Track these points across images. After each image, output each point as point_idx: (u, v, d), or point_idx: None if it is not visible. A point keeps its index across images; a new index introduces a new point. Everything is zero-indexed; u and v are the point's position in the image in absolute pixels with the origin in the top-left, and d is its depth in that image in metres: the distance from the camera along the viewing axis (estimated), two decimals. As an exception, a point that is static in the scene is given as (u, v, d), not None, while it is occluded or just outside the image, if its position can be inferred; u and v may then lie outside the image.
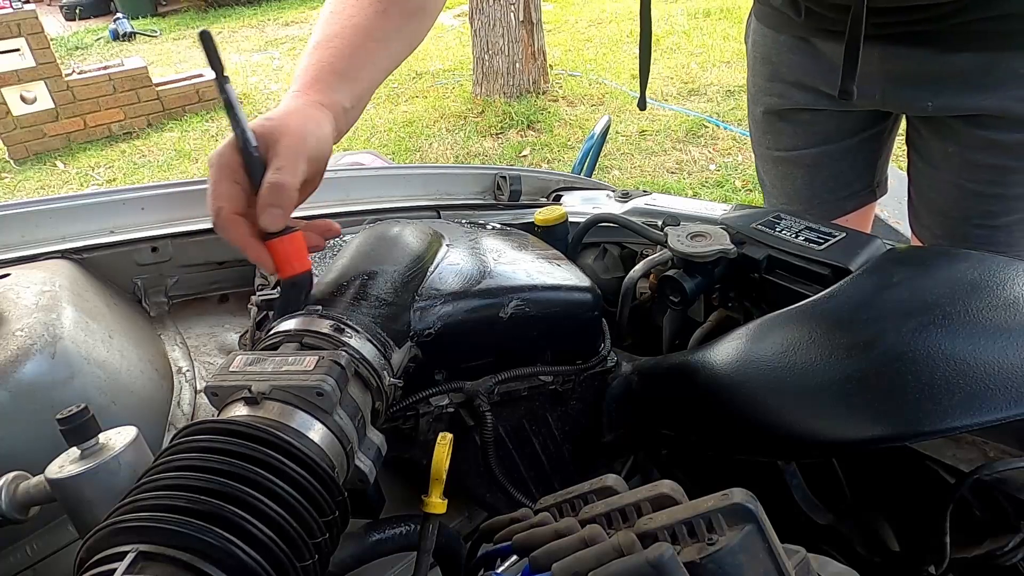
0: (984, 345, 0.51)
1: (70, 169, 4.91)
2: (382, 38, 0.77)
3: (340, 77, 0.72)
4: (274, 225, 0.59)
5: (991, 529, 0.56)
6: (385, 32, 0.77)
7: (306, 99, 0.69)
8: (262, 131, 0.62)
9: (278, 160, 0.60)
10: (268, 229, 0.59)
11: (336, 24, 0.75)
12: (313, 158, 0.63)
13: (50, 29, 7.98)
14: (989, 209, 1.04)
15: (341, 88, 0.72)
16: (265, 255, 0.60)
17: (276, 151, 0.61)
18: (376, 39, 0.76)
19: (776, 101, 1.17)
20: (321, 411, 0.48)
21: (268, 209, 0.58)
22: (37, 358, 0.59)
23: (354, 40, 0.74)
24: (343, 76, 0.73)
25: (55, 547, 0.61)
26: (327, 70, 0.72)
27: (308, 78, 0.71)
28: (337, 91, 0.71)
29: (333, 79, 0.72)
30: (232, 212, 0.59)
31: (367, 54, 0.75)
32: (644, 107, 1.14)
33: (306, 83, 0.71)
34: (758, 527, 0.34)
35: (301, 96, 0.69)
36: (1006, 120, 0.96)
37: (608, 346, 0.74)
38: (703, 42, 5.68)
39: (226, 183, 0.60)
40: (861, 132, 1.16)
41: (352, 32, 0.74)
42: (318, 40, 0.74)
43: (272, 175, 0.59)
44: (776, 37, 1.12)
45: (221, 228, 0.60)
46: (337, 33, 0.74)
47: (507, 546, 0.45)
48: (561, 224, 0.89)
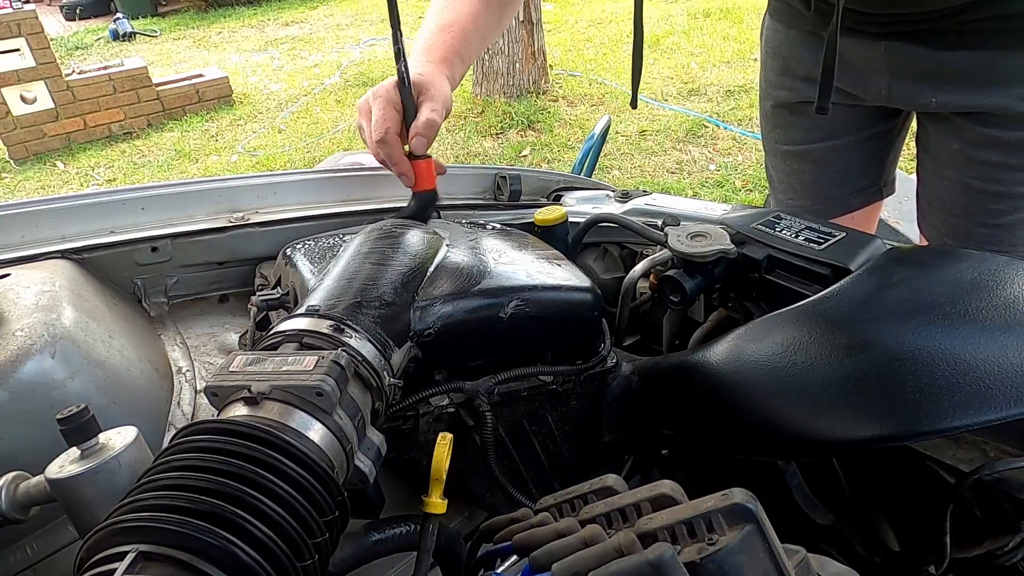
0: (984, 345, 0.51)
1: (70, 169, 4.91)
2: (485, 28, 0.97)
3: (458, 57, 0.92)
4: (420, 150, 0.80)
5: (991, 529, 0.56)
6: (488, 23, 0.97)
7: (439, 70, 0.87)
8: (417, 79, 0.82)
9: (432, 103, 0.80)
10: (416, 152, 0.80)
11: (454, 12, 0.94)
12: (448, 110, 0.84)
13: (50, 29, 7.98)
14: (992, 207, 1.04)
15: (458, 66, 0.92)
16: (410, 170, 0.81)
17: (430, 95, 0.81)
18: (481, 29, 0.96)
19: (786, 95, 1.18)
20: (321, 411, 0.48)
21: (418, 137, 0.79)
22: (37, 358, 0.59)
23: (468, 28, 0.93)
24: (460, 56, 0.92)
25: (55, 547, 0.61)
26: (452, 50, 0.91)
27: (438, 54, 0.90)
28: (456, 68, 0.91)
29: (454, 58, 0.91)
30: (393, 133, 0.79)
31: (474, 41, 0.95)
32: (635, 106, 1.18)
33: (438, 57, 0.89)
34: (758, 527, 0.34)
35: (436, 66, 0.88)
36: (1008, 118, 0.96)
37: (608, 346, 0.74)
38: (703, 42, 5.68)
39: (391, 111, 0.79)
40: (869, 128, 1.17)
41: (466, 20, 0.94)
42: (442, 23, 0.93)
43: (427, 112, 0.79)
44: (787, 32, 1.14)
45: (384, 144, 0.79)
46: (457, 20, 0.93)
47: (507, 546, 0.45)
48: (561, 224, 0.89)
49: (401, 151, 0.80)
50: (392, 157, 0.80)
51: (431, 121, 0.79)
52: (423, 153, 0.80)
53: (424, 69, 0.85)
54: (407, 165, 0.81)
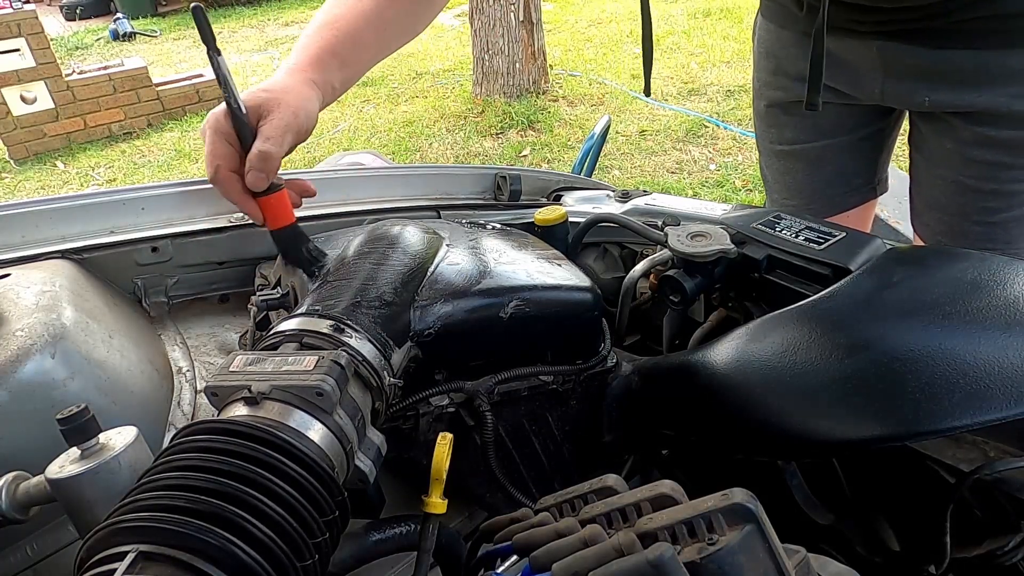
0: (984, 345, 0.51)
1: (70, 169, 4.91)
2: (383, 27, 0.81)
3: (338, 60, 0.78)
4: (257, 186, 0.67)
5: (991, 529, 0.56)
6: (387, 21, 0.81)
7: (302, 76, 0.74)
8: (258, 101, 0.69)
9: (268, 130, 0.68)
10: (253, 189, 0.68)
11: (343, 6, 0.79)
12: (299, 132, 0.71)
13: (50, 29, 7.98)
14: (986, 205, 1.04)
15: (336, 70, 0.77)
16: (256, 209, 0.70)
17: (268, 121, 0.68)
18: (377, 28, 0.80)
19: (779, 95, 1.18)
20: (321, 411, 0.48)
21: (253, 172, 0.66)
22: (37, 358, 0.59)
23: (357, 25, 0.79)
24: (340, 59, 0.78)
25: (55, 547, 0.61)
26: (327, 51, 0.77)
27: (308, 56, 0.76)
28: (331, 72, 0.77)
29: (332, 61, 0.77)
30: (227, 170, 0.68)
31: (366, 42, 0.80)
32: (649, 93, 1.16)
33: (306, 60, 0.76)
34: (758, 527, 0.34)
35: (298, 72, 0.75)
36: (1000, 117, 0.97)
37: (608, 346, 0.74)
38: (703, 42, 5.68)
39: (221, 144, 0.68)
40: (863, 128, 1.17)
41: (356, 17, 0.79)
42: (324, 20, 0.79)
43: (261, 144, 0.67)
44: (780, 32, 1.14)
45: (218, 183, 0.69)
46: (343, 16, 0.79)
47: (507, 546, 0.45)
48: (561, 224, 0.89)
49: (238, 189, 0.68)
50: (230, 196, 0.69)
51: (264, 154, 0.66)
52: (265, 188, 0.68)
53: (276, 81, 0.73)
54: (250, 204, 0.69)
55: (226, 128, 0.68)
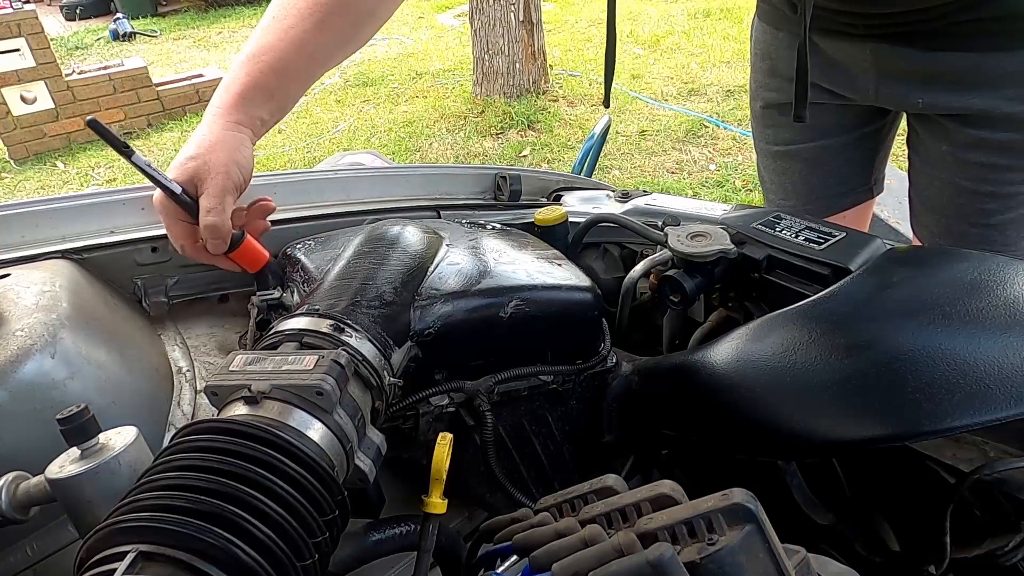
0: (984, 345, 0.51)
1: (70, 169, 4.91)
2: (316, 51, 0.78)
3: (264, 93, 0.76)
4: (219, 250, 0.72)
5: (991, 529, 0.56)
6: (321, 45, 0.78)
7: (225, 121, 0.74)
8: (188, 175, 0.71)
9: (207, 203, 0.70)
10: (215, 252, 0.72)
11: (272, 35, 0.76)
12: (237, 186, 0.72)
13: (50, 29, 7.98)
14: (983, 207, 1.04)
15: (263, 104, 0.76)
16: (231, 264, 0.75)
17: (204, 191, 0.70)
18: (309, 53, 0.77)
19: (775, 96, 1.19)
20: (321, 410, 0.48)
21: (209, 242, 0.71)
22: (37, 358, 0.59)
23: (286, 55, 0.76)
24: (267, 92, 0.76)
25: (55, 547, 0.61)
26: (251, 87, 0.75)
27: (232, 95, 0.75)
28: (259, 107, 0.76)
29: (257, 95, 0.75)
30: (191, 245, 0.73)
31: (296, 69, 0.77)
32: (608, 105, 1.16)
33: (229, 102, 0.75)
34: (758, 527, 0.34)
35: (220, 118, 0.74)
36: (995, 119, 0.97)
37: (608, 346, 0.74)
38: (703, 42, 5.68)
39: (175, 225, 0.72)
40: (859, 128, 1.17)
41: (287, 46, 0.76)
42: (251, 51, 0.76)
43: (204, 218, 0.70)
44: (776, 34, 1.14)
45: (188, 256, 0.74)
46: (272, 46, 0.76)
47: (507, 546, 0.45)
48: (561, 224, 0.89)
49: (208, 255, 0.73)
50: (205, 262, 0.75)
51: (211, 226, 0.69)
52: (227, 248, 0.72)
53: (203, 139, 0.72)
54: (224, 261, 0.74)
55: (172, 208, 0.71)
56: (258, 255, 0.75)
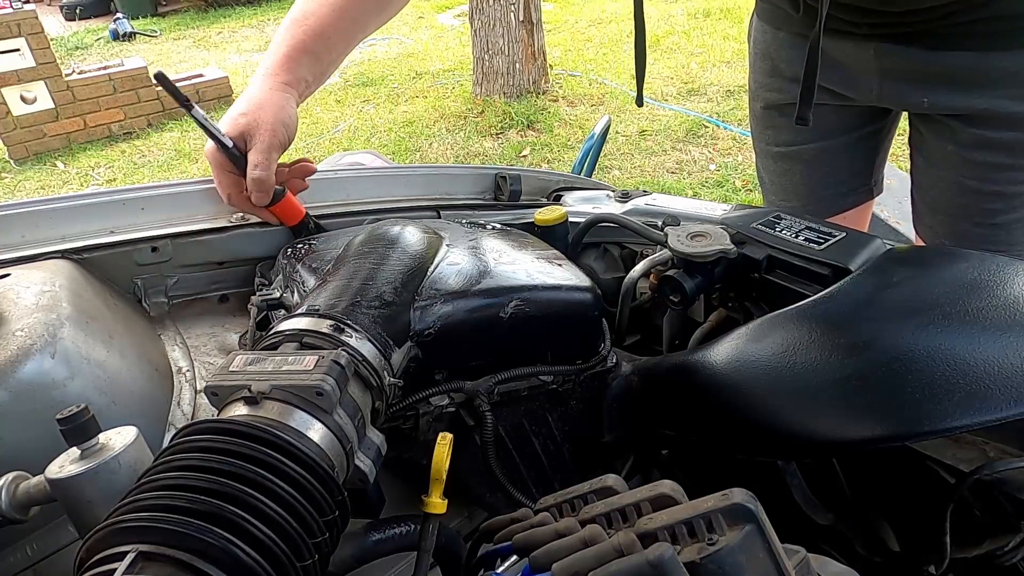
0: (984, 345, 0.51)
1: (70, 169, 4.91)
2: (356, 18, 0.85)
3: (309, 55, 0.82)
4: (262, 202, 0.79)
5: (991, 529, 0.56)
6: (360, 12, 0.85)
7: (273, 81, 0.80)
8: (238, 130, 0.78)
9: (254, 157, 0.77)
10: (259, 205, 0.80)
11: (314, 2, 0.83)
12: (283, 144, 0.79)
13: (50, 29, 7.98)
14: (988, 207, 1.04)
15: (308, 65, 0.82)
16: (271, 216, 0.82)
17: (252, 146, 0.77)
18: (350, 18, 0.84)
19: (775, 96, 1.18)
20: (321, 411, 0.48)
21: (254, 193, 0.78)
22: (37, 358, 0.59)
23: (328, 19, 0.82)
24: (312, 54, 0.82)
25: (55, 547, 0.61)
26: (298, 48, 0.82)
27: (279, 56, 0.81)
28: (304, 68, 0.82)
29: (303, 57, 0.82)
30: (237, 195, 0.80)
31: (338, 33, 0.84)
32: (641, 103, 1.16)
33: (277, 62, 0.81)
34: (758, 527, 0.34)
35: (269, 78, 0.80)
36: (999, 119, 0.96)
37: (608, 346, 0.74)
38: (703, 42, 5.68)
39: (223, 175, 0.80)
40: (860, 129, 1.17)
41: (328, 11, 0.82)
42: (294, 17, 0.83)
43: (251, 172, 0.77)
44: (776, 34, 1.14)
45: (233, 205, 0.82)
46: (314, 11, 0.82)
47: (507, 546, 0.45)
48: (561, 224, 0.89)
49: (251, 205, 0.81)
50: (246, 211, 0.82)
51: (256, 180, 0.77)
52: (269, 201, 0.80)
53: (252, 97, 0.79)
54: (265, 212, 0.82)
55: (222, 160, 0.79)
56: (296, 210, 0.82)
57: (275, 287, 0.75)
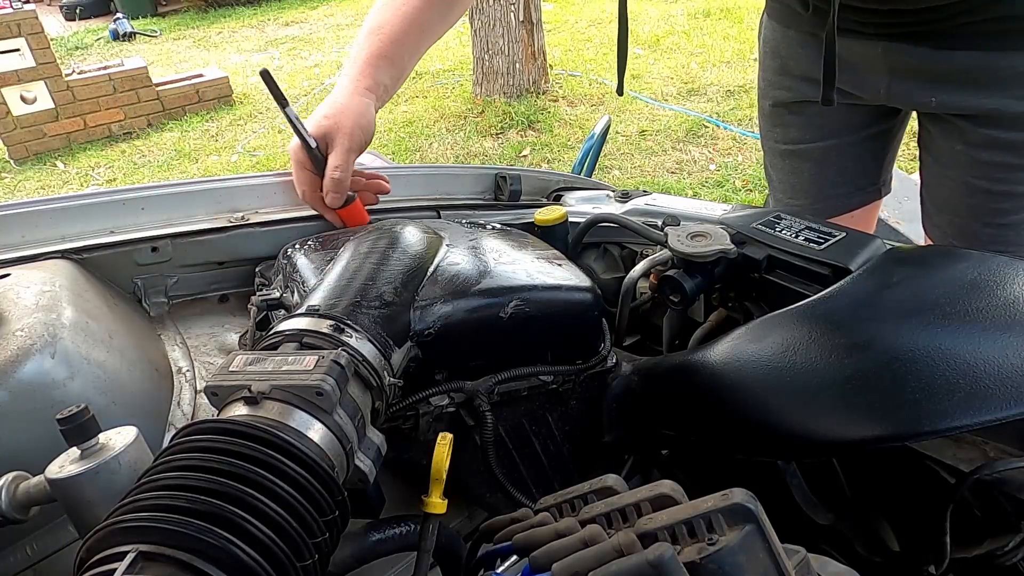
0: (984, 345, 0.51)
1: (70, 169, 4.91)
2: (425, 26, 0.94)
3: (387, 61, 0.90)
4: (336, 204, 0.84)
5: (991, 529, 0.56)
6: (428, 20, 0.94)
7: (355, 87, 0.87)
8: (321, 131, 0.84)
9: (334, 159, 0.83)
10: (332, 207, 0.84)
11: (388, 12, 0.92)
12: (361, 147, 0.86)
13: (50, 29, 7.98)
14: (997, 207, 1.04)
15: (386, 71, 0.90)
16: (337, 219, 0.86)
17: (333, 149, 0.83)
18: (420, 27, 0.93)
19: (785, 94, 1.18)
20: (321, 411, 0.48)
21: (331, 195, 0.83)
22: (37, 358, 0.59)
23: (401, 28, 0.90)
24: (389, 60, 0.90)
25: (55, 547, 0.61)
26: (376, 55, 0.89)
27: (360, 64, 0.89)
28: (383, 72, 0.89)
29: (381, 63, 0.89)
30: (311, 193, 0.85)
31: (411, 41, 0.92)
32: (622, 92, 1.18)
33: (357, 70, 0.88)
34: (758, 527, 0.34)
35: (351, 83, 0.87)
36: (1007, 119, 0.96)
37: (608, 346, 0.74)
38: (703, 42, 5.68)
39: (302, 172, 0.85)
40: (868, 128, 1.17)
41: (401, 21, 0.91)
42: (371, 27, 0.91)
43: (330, 172, 0.82)
44: (786, 32, 1.14)
45: (306, 203, 0.87)
46: (388, 21, 0.91)
47: (507, 546, 0.45)
48: (561, 224, 0.89)
49: (323, 205, 0.85)
50: (317, 210, 0.87)
51: (335, 181, 0.82)
52: (343, 204, 0.84)
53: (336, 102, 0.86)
54: (333, 215, 0.86)
55: (303, 158, 0.84)
56: (362, 217, 0.87)
57: (275, 287, 0.75)
